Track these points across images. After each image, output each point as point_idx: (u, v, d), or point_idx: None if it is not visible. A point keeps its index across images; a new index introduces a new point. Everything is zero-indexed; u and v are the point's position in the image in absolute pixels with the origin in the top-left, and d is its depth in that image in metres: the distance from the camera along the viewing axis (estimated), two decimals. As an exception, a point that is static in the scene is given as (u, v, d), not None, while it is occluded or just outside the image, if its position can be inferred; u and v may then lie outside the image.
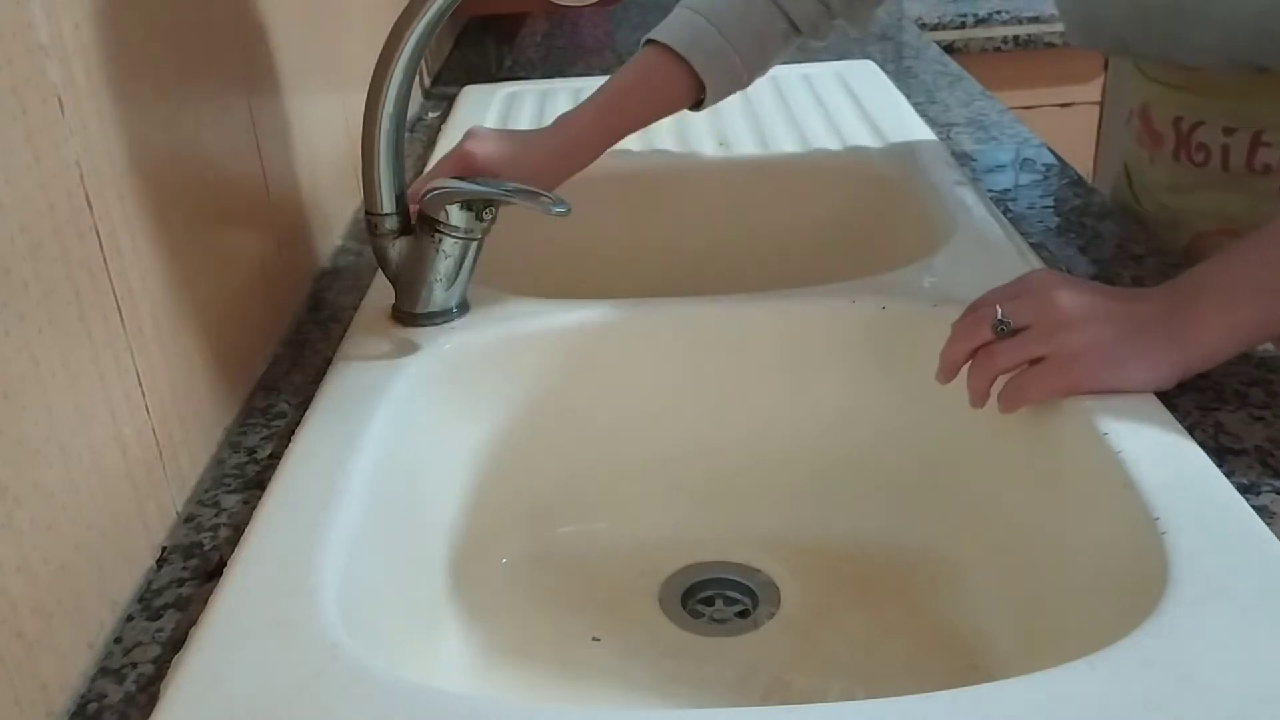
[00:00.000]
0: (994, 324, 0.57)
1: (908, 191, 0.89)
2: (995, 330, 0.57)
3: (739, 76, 0.81)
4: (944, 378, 0.60)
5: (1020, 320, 0.56)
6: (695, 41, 0.78)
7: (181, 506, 0.54)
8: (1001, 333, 0.57)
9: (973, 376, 0.58)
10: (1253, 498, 0.49)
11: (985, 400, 0.58)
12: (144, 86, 0.52)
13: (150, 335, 0.51)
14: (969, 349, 0.58)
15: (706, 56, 0.78)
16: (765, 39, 0.80)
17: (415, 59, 0.62)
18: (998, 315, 0.57)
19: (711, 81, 0.79)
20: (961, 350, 0.58)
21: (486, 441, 0.68)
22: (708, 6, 0.79)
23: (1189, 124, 0.77)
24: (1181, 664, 0.40)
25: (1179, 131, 0.78)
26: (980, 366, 0.58)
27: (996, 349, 0.57)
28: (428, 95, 1.23)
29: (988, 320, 0.57)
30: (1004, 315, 0.56)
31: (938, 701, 0.39)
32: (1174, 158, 0.79)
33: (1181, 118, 0.78)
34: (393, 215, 0.66)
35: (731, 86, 0.81)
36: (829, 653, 0.63)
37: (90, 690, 0.43)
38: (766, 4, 0.80)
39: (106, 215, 0.48)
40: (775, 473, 0.72)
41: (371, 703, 0.40)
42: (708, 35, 0.78)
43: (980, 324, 0.57)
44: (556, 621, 0.66)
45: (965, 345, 0.58)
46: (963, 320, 0.59)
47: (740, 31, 0.79)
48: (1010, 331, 0.56)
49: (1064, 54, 1.84)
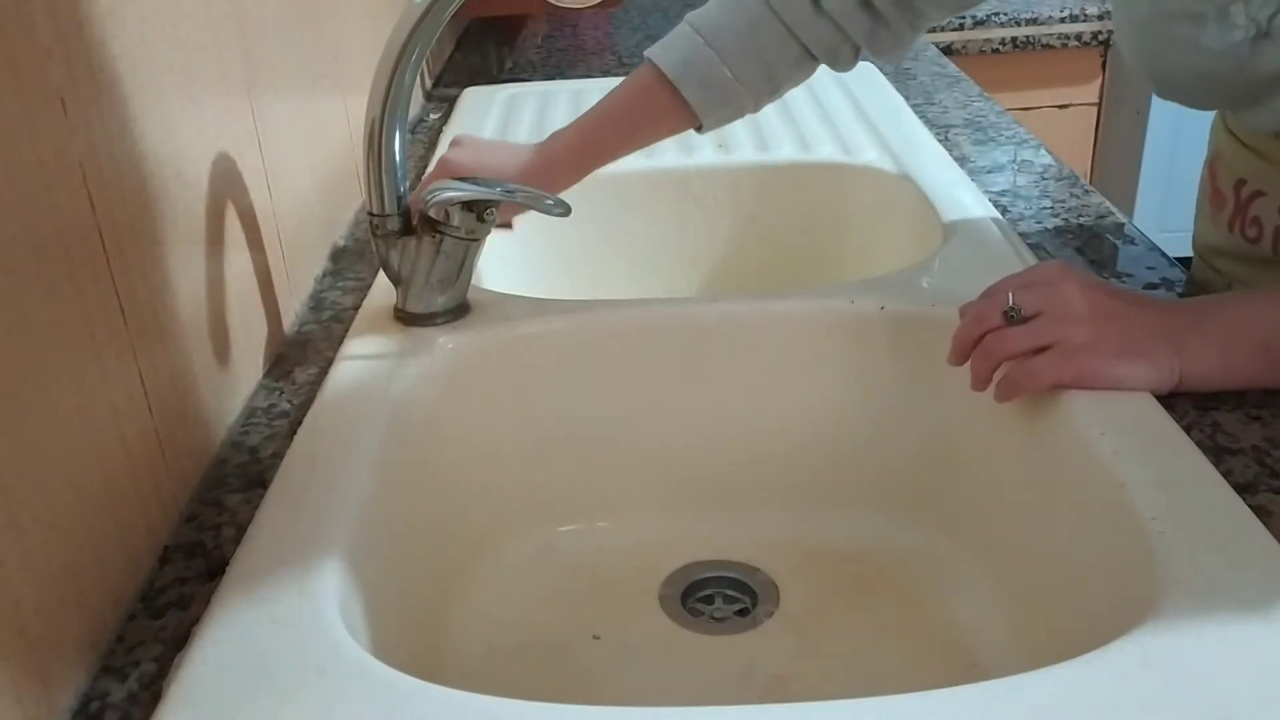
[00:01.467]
0: (1005, 310, 0.58)
1: (906, 193, 0.89)
2: (1006, 316, 0.58)
3: (742, 105, 0.74)
4: (956, 360, 0.61)
5: (1031, 308, 0.57)
6: (690, 67, 0.72)
7: (184, 505, 0.54)
8: (1012, 319, 0.57)
9: (978, 360, 0.59)
10: (1249, 497, 0.49)
11: (986, 384, 0.59)
12: (146, 87, 0.53)
13: (153, 335, 0.52)
14: (979, 333, 0.59)
15: (702, 85, 0.72)
16: (774, 66, 0.73)
17: (417, 61, 0.62)
18: (1009, 302, 0.57)
19: (706, 111, 0.73)
20: (973, 334, 0.59)
21: (487, 441, 0.69)
22: (711, 26, 0.72)
23: (1249, 192, 0.70)
24: (1178, 663, 0.40)
25: (1239, 198, 0.71)
26: (987, 350, 0.58)
27: (1005, 334, 0.58)
28: (429, 97, 1.23)
29: (999, 307, 0.58)
30: (1015, 302, 0.57)
31: (936, 699, 0.39)
32: (1229, 227, 0.72)
33: (1245, 182, 0.70)
34: (394, 216, 0.66)
35: (733, 114, 0.75)
36: (828, 651, 0.63)
37: (93, 688, 0.43)
38: (778, 29, 0.72)
39: (109, 216, 0.48)
40: (775, 472, 0.72)
41: (371, 702, 0.40)
42: (705, 61, 0.72)
43: (993, 310, 0.58)
44: (557, 620, 0.66)
45: (976, 329, 0.59)
46: (976, 305, 0.60)
47: (744, 57, 0.72)
48: (1020, 319, 0.57)
49: (1061, 55, 1.84)
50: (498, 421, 0.69)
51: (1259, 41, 0.60)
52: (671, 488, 0.73)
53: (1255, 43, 0.60)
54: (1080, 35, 1.81)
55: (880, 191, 0.93)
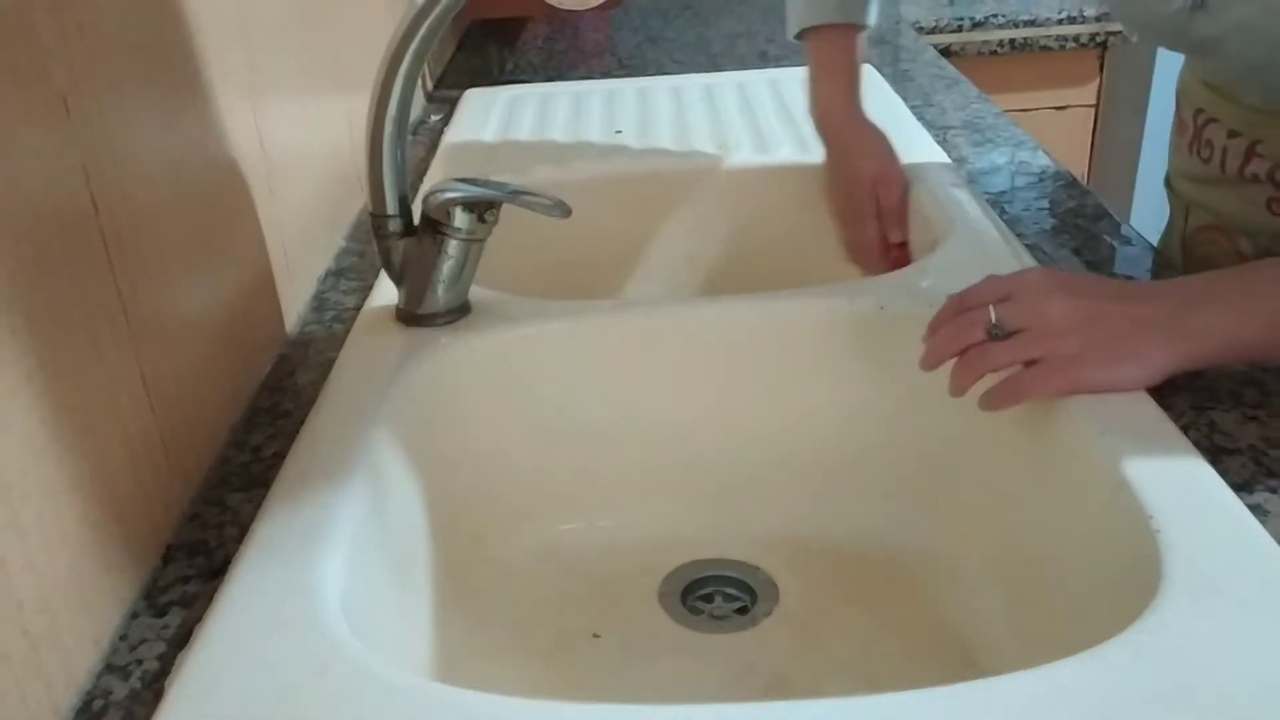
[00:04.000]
0: (988, 327, 0.57)
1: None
2: (989, 333, 0.57)
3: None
4: (928, 365, 0.60)
5: (1013, 324, 0.57)
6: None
7: (187, 505, 0.54)
8: (995, 336, 0.57)
9: (960, 372, 0.58)
10: (1246, 496, 0.50)
11: (964, 392, 0.59)
12: (148, 88, 0.53)
13: (155, 335, 0.52)
14: (961, 347, 0.58)
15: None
16: None
17: (418, 62, 0.63)
18: (992, 319, 0.57)
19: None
20: (954, 347, 0.59)
21: (488, 440, 0.69)
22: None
23: (1204, 119, 0.79)
24: (1176, 661, 0.40)
25: (1196, 124, 0.80)
26: (970, 364, 0.58)
27: (991, 349, 0.57)
28: (430, 98, 1.23)
29: (980, 322, 0.57)
30: (998, 320, 0.57)
31: (935, 697, 0.40)
32: (1189, 149, 0.81)
33: (1201, 110, 0.80)
34: (396, 217, 0.66)
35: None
36: (828, 649, 0.63)
37: (96, 687, 0.43)
38: None
39: (111, 216, 0.48)
40: (774, 470, 0.72)
41: (372, 701, 0.40)
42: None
43: (974, 324, 0.58)
44: (557, 618, 0.66)
45: (957, 343, 0.58)
46: (955, 319, 0.59)
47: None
48: (1004, 335, 0.57)
49: (1060, 57, 1.84)
50: (498, 421, 0.69)
51: (1195, 12, 0.68)
52: (671, 486, 0.73)
53: (1192, 13, 0.69)
54: (1078, 37, 1.81)
55: (879, 192, 0.93)
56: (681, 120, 1.07)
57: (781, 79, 1.19)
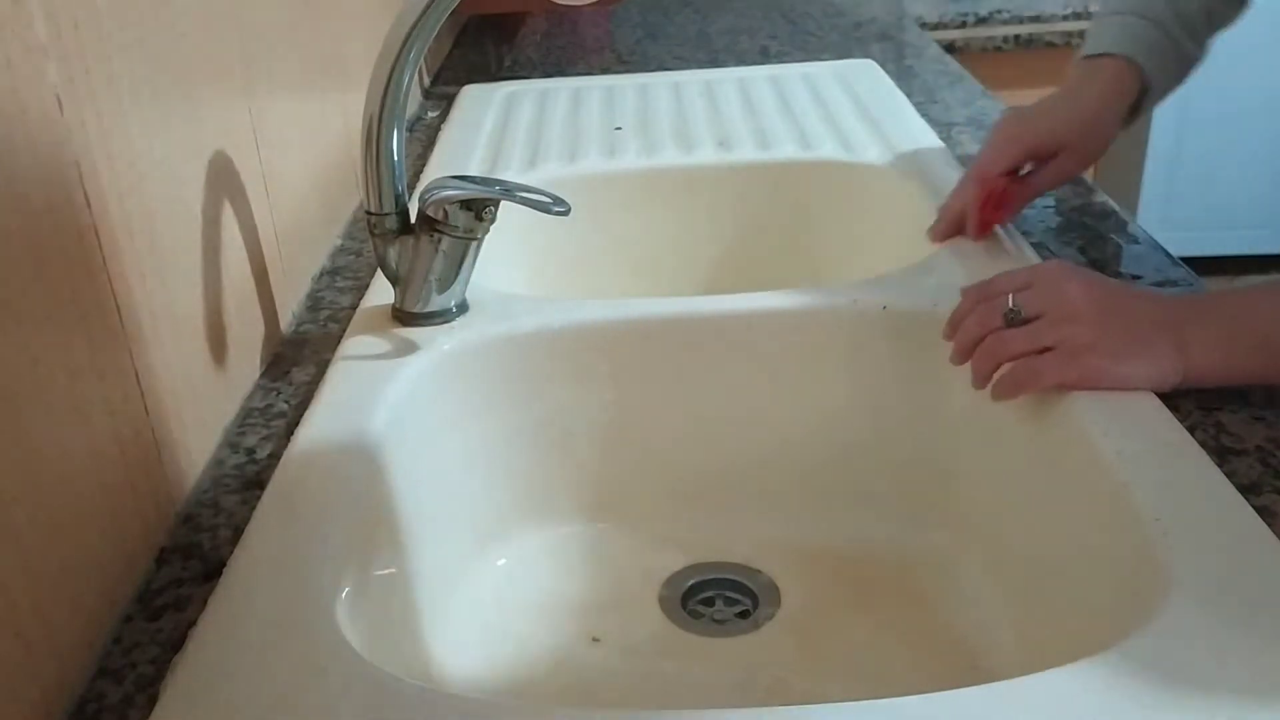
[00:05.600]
0: (1005, 312, 0.58)
1: (909, 191, 0.89)
2: (1006, 318, 0.58)
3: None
4: (959, 359, 0.61)
5: (1031, 309, 0.57)
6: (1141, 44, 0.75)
7: (180, 506, 0.54)
8: (1012, 320, 0.58)
9: (979, 359, 0.59)
10: (1253, 498, 0.49)
11: (987, 382, 0.59)
12: (143, 86, 0.52)
13: (149, 335, 0.51)
14: (981, 334, 0.59)
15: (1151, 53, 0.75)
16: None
17: (415, 58, 0.62)
18: (1010, 304, 0.58)
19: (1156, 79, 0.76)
20: (975, 335, 0.60)
21: (486, 441, 0.68)
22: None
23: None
24: (1183, 665, 0.40)
25: None
26: (989, 351, 0.59)
27: (1007, 335, 0.58)
28: (427, 94, 1.23)
29: (1000, 308, 0.58)
30: (1015, 304, 0.57)
31: (938, 702, 0.39)
32: None
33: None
34: (392, 215, 0.66)
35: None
36: (829, 653, 0.63)
37: (89, 691, 0.43)
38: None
39: (105, 215, 0.48)
40: (776, 473, 0.72)
41: (369, 704, 0.40)
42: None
43: (994, 311, 0.59)
44: (556, 622, 0.66)
45: (978, 330, 0.59)
46: (977, 307, 0.60)
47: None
48: (1021, 320, 0.57)
49: (1065, 53, 1.83)
50: (497, 421, 0.69)
51: None
52: (672, 488, 0.72)
53: None
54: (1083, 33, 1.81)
55: (883, 190, 0.93)
56: (682, 117, 1.06)
57: (782, 74, 1.18)
